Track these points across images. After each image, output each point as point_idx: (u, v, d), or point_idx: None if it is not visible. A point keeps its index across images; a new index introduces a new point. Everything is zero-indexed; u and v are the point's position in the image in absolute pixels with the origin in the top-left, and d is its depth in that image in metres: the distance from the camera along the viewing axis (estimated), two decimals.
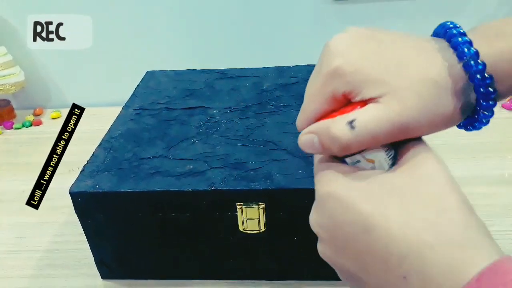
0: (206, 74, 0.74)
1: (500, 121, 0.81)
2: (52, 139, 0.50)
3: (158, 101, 0.65)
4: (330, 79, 0.26)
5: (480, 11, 0.89)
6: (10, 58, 0.92)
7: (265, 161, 0.50)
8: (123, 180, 0.49)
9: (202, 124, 0.59)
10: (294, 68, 0.74)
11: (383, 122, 0.24)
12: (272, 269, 0.53)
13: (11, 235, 0.64)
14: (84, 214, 0.50)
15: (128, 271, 0.55)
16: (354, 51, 0.26)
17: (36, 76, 1.00)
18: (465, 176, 0.68)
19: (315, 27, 0.92)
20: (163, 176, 0.49)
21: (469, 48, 0.24)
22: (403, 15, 0.91)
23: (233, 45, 0.95)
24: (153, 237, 0.52)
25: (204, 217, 0.49)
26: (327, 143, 0.26)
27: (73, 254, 0.60)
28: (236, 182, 0.47)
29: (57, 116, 0.97)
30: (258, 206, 0.47)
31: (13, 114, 0.98)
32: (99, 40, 0.92)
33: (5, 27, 0.94)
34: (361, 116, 0.24)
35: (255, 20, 0.92)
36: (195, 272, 0.55)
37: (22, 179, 0.76)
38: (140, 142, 0.56)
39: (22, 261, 0.59)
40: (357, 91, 0.25)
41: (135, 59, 0.97)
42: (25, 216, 0.67)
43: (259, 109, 0.61)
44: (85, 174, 0.50)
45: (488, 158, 0.71)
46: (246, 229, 0.49)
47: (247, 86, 0.68)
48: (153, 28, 0.94)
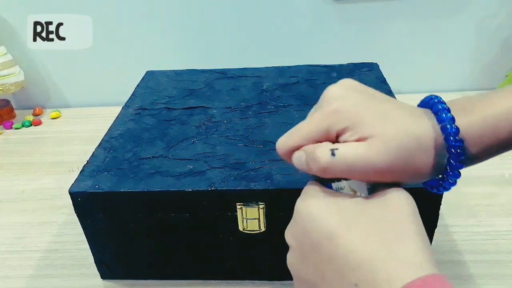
0: (206, 74, 0.74)
1: None
2: (52, 139, 0.50)
3: (158, 101, 0.65)
4: (328, 116, 0.30)
5: (480, 11, 0.89)
6: (10, 58, 0.92)
7: (265, 161, 0.50)
8: (123, 180, 0.49)
9: (202, 124, 0.59)
10: (294, 68, 0.74)
11: (361, 158, 0.27)
12: (272, 269, 0.53)
13: (11, 235, 0.64)
14: (84, 214, 0.50)
15: (128, 271, 0.55)
16: (350, 98, 0.30)
17: (36, 76, 1.00)
18: (465, 176, 0.68)
19: (315, 27, 0.92)
20: (163, 176, 0.49)
21: (447, 114, 0.29)
22: (403, 15, 0.91)
23: (233, 45, 0.95)
24: (153, 237, 0.52)
25: (204, 217, 0.49)
26: (310, 162, 0.30)
27: (73, 254, 0.60)
28: (236, 182, 0.47)
29: (57, 116, 0.97)
30: (258, 206, 0.47)
31: (13, 114, 0.98)
32: (99, 40, 0.92)
33: (5, 27, 0.94)
34: (344, 147, 0.28)
35: (255, 20, 0.92)
36: (195, 272, 0.55)
37: (22, 179, 0.76)
38: (140, 142, 0.56)
39: (22, 261, 0.59)
40: (349, 129, 0.29)
41: (135, 59, 0.97)
42: (25, 216, 0.68)
43: (259, 109, 0.61)
44: (85, 174, 0.50)
45: None
46: (246, 229, 0.49)
47: (247, 86, 0.68)
48: (153, 28, 0.94)
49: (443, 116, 0.29)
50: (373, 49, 0.93)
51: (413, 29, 0.92)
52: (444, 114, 0.29)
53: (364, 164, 0.28)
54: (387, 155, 0.27)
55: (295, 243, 0.29)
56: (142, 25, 0.94)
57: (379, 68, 0.72)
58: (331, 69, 0.73)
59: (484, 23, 0.90)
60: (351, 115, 0.29)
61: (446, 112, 0.29)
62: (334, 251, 0.26)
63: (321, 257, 0.27)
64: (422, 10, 0.90)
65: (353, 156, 0.28)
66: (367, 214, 0.27)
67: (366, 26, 0.92)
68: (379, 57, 0.76)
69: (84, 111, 0.98)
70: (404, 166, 0.28)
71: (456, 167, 0.30)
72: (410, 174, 0.29)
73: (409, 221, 0.26)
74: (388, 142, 0.28)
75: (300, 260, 0.29)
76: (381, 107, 0.30)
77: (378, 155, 0.27)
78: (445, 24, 0.91)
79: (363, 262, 0.25)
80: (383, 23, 0.92)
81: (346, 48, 0.94)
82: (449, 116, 0.29)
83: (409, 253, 0.25)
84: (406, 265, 0.24)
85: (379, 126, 0.28)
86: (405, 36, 0.93)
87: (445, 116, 0.29)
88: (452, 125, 0.29)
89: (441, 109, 0.29)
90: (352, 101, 0.30)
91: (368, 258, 0.25)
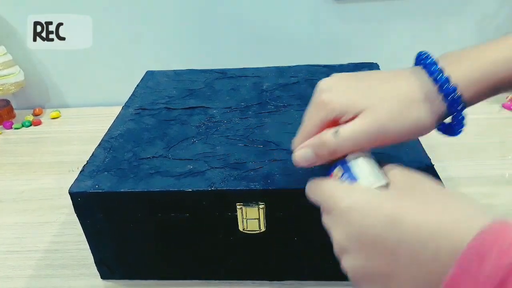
0: (206, 74, 0.74)
1: (500, 121, 0.81)
2: (52, 139, 0.50)
3: (158, 101, 0.65)
4: (320, 108, 0.34)
5: (480, 11, 0.89)
6: (9, 58, 0.92)
7: (265, 161, 0.50)
8: (122, 180, 0.49)
9: (202, 124, 0.59)
10: (294, 68, 0.74)
11: (360, 129, 0.32)
12: (272, 269, 0.53)
13: (11, 235, 0.64)
14: (84, 214, 0.50)
15: (128, 271, 0.55)
16: (338, 87, 0.34)
17: (35, 76, 1.00)
18: (465, 176, 0.68)
19: (315, 27, 0.92)
20: (162, 176, 0.49)
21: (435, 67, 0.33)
22: (403, 15, 0.91)
23: (233, 45, 0.95)
24: (153, 237, 0.52)
25: (204, 217, 0.49)
26: (319, 150, 0.33)
27: (72, 254, 0.60)
28: (236, 182, 0.47)
29: (57, 116, 0.97)
30: (258, 206, 0.47)
31: (13, 114, 0.98)
32: (99, 40, 0.92)
33: (5, 27, 0.94)
34: (343, 127, 0.33)
35: (255, 20, 0.92)
36: (195, 272, 0.55)
37: (22, 179, 0.76)
38: (140, 142, 0.56)
39: (22, 261, 0.59)
40: (342, 115, 0.33)
41: (135, 59, 0.97)
42: (25, 216, 0.68)
43: (259, 109, 0.61)
44: (84, 174, 0.50)
45: (488, 158, 0.71)
46: (246, 229, 0.49)
47: (247, 86, 0.68)
48: (153, 28, 0.94)
49: (432, 69, 0.33)
50: (373, 49, 0.93)
51: (413, 29, 0.92)
52: (432, 67, 0.33)
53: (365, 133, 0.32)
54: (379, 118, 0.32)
55: (354, 246, 0.29)
56: (142, 25, 0.94)
57: (379, 68, 0.72)
58: (331, 69, 0.73)
59: (484, 23, 0.90)
60: (339, 102, 0.33)
61: (434, 66, 0.33)
62: (403, 233, 0.26)
63: (390, 245, 0.27)
64: (422, 10, 0.90)
65: (353, 130, 0.32)
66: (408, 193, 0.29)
67: (366, 26, 0.92)
68: (379, 57, 0.76)
69: (84, 111, 0.98)
70: (401, 126, 0.32)
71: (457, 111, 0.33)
72: (413, 126, 0.32)
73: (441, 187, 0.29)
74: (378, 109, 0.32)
75: (366, 259, 0.28)
76: (365, 83, 0.34)
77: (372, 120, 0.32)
78: (445, 24, 0.91)
79: (436, 231, 0.25)
80: (383, 23, 0.92)
81: (346, 48, 0.94)
82: (437, 68, 0.32)
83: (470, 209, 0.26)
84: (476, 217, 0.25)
85: (365, 100, 0.32)
86: (405, 36, 0.93)
87: (434, 68, 0.33)
88: (442, 75, 0.32)
89: (429, 63, 0.33)
90: (340, 89, 0.34)
91: (439, 225, 0.25)
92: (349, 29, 0.92)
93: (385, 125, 0.32)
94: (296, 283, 0.54)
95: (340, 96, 0.33)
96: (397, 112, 0.32)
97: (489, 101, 0.35)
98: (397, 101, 0.32)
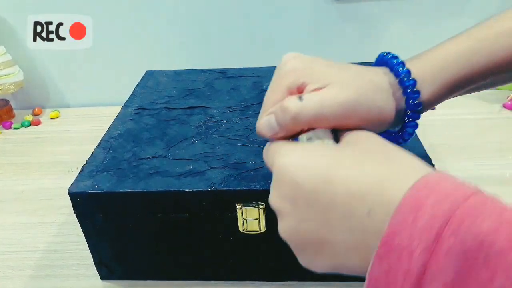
0: (206, 74, 0.73)
1: (500, 121, 0.80)
2: (51, 139, 0.50)
3: (158, 101, 0.65)
4: (286, 76, 0.32)
5: (480, 11, 0.89)
6: (9, 58, 0.92)
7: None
8: (122, 180, 0.49)
9: (202, 124, 0.59)
10: None
11: (327, 97, 0.30)
12: (272, 269, 0.53)
13: (10, 235, 0.64)
14: (83, 214, 0.50)
15: (128, 271, 0.55)
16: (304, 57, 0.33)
17: (35, 75, 0.99)
18: (465, 176, 0.68)
19: (315, 27, 0.92)
20: (162, 176, 0.49)
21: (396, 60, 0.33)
22: (403, 15, 0.90)
23: (233, 45, 0.95)
24: (153, 237, 0.52)
25: (203, 218, 0.49)
26: (280, 116, 0.31)
27: (72, 254, 0.60)
28: (236, 182, 0.47)
29: (56, 116, 0.97)
30: (258, 207, 0.47)
31: (12, 114, 0.97)
32: (99, 40, 0.92)
33: (5, 27, 0.94)
34: (309, 94, 0.31)
35: (255, 20, 0.92)
36: (194, 272, 0.54)
37: (22, 179, 0.76)
38: (140, 142, 0.55)
39: (21, 261, 0.59)
40: (307, 83, 0.31)
41: (135, 59, 0.97)
42: (24, 216, 0.67)
43: (259, 109, 0.61)
44: (84, 174, 0.50)
45: (488, 158, 0.71)
46: (246, 230, 0.49)
47: (247, 86, 0.68)
48: (153, 28, 0.94)
49: (393, 61, 0.33)
50: (373, 49, 0.93)
51: (413, 29, 0.92)
52: (393, 60, 0.33)
53: (330, 103, 0.30)
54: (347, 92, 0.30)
55: (287, 205, 0.27)
56: (142, 25, 0.94)
57: None
58: None
59: None
60: (306, 70, 0.32)
61: (395, 59, 0.33)
62: (335, 192, 0.25)
63: (322, 205, 0.25)
64: (422, 10, 0.90)
65: (318, 98, 0.30)
66: (347, 151, 0.28)
67: (366, 26, 0.92)
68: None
69: (83, 111, 0.98)
70: (367, 107, 0.31)
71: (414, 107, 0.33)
72: (377, 111, 0.31)
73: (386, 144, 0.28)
74: (346, 83, 0.31)
75: (298, 221, 0.27)
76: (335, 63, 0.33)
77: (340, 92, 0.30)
78: (445, 24, 0.91)
79: (370, 187, 0.24)
80: (383, 23, 0.92)
81: (346, 48, 0.94)
82: (398, 61, 0.33)
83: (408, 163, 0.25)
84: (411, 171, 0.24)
85: (334, 74, 0.31)
86: (405, 36, 0.93)
87: (395, 62, 0.33)
88: (403, 68, 0.32)
89: (390, 57, 0.34)
90: (306, 59, 0.33)
91: (373, 181, 0.24)
92: (349, 29, 0.92)
93: (354, 100, 0.30)
94: (296, 283, 0.54)
95: (307, 64, 0.32)
96: (366, 93, 0.31)
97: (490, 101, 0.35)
98: (367, 82, 0.31)
